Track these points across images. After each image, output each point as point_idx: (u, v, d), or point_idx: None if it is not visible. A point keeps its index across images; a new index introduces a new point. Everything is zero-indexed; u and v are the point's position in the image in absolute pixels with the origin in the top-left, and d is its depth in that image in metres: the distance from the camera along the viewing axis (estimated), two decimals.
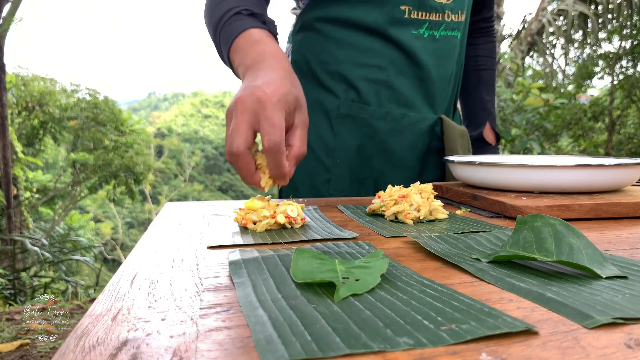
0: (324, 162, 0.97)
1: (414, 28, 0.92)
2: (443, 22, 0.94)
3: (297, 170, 0.98)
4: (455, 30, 0.97)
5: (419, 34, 0.93)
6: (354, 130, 0.97)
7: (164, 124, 27.91)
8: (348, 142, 0.97)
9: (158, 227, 0.59)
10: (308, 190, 0.98)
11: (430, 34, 0.94)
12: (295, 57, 1.00)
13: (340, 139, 0.97)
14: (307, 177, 0.98)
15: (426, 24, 0.93)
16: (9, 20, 5.94)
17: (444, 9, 0.94)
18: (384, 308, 0.30)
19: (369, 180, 0.99)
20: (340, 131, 0.96)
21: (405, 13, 0.91)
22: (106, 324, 0.28)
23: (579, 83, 8.61)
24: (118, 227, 18.34)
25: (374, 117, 0.96)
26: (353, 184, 0.98)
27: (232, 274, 0.38)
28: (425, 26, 0.93)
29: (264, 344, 0.25)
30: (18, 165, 7.23)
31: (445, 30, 0.95)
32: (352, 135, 0.97)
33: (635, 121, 8.25)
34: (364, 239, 0.51)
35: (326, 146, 0.97)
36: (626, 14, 6.75)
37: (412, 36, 0.92)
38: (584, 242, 0.39)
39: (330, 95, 0.96)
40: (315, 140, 0.97)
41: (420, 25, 0.93)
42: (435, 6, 0.92)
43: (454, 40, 0.98)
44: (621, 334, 0.26)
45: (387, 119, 0.97)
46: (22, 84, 8.88)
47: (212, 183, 24.83)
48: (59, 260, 4.88)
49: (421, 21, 0.92)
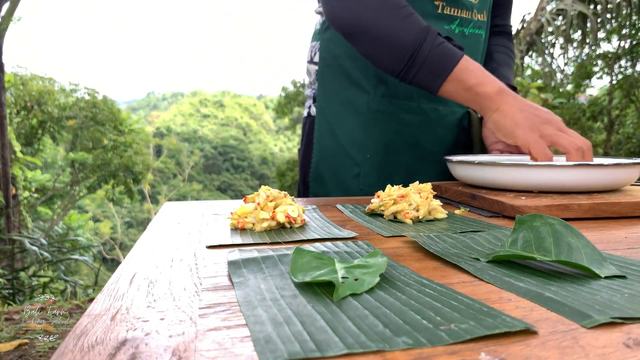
0: (354, 157, 0.98)
1: (446, 23, 0.95)
2: (472, 20, 0.98)
3: (325, 166, 1.00)
4: (480, 29, 1.00)
5: (451, 30, 0.96)
6: (383, 125, 0.98)
7: (162, 123, 27.90)
8: (378, 137, 0.98)
9: (157, 226, 0.59)
10: (336, 185, 1.00)
11: (460, 31, 0.97)
12: (324, 54, 1.01)
13: (370, 134, 0.98)
14: (335, 173, 1.00)
15: (457, 21, 0.96)
16: (8, 20, 5.93)
17: (472, 7, 0.97)
18: (382, 308, 0.30)
19: (398, 175, 1.00)
20: (370, 126, 0.98)
21: (438, 8, 0.93)
22: (105, 324, 0.28)
23: (578, 83, 8.61)
24: (117, 226, 18.33)
25: (404, 111, 0.98)
26: (382, 179, 0.99)
27: (231, 273, 0.38)
28: (457, 22, 0.96)
29: (263, 343, 0.25)
30: (17, 164, 7.22)
31: (473, 28, 0.98)
32: (381, 130, 0.98)
33: (634, 121, 8.26)
34: (363, 239, 0.51)
35: (356, 142, 0.98)
36: (625, 13, 6.75)
37: (445, 31, 0.94)
38: (583, 241, 0.39)
39: (360, 91, 0.98)
40: (345, 136, 0.99)
41: (452, 21, 0.95)
42: (466, 4, 0.95)
43: (479, 38, 1.01)
44: (620, 334, 0.26)
45: (418, 112, 0.99)
46: (20, 84, 8.87)
47: (211, 183, 24.82)
48: (57, 260, 4.87)
49: (453, 17, 0.95)
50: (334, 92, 1.00)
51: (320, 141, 1.01)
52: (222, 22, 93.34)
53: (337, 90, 0.99)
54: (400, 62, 0.82)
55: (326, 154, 1.01)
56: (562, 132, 0.77)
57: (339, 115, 1.00)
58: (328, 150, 1.00)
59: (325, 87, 1.01)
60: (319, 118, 1.02)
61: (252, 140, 28.43)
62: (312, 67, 1.06)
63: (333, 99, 1.00)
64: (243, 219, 0.57)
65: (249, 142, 28.00)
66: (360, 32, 0.83)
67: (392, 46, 0.81)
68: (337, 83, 0.99)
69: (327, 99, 1.01)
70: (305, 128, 1.09)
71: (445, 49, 0.81)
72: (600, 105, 8.10)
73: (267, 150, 28.05)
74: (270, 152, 27.82)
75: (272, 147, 28.87)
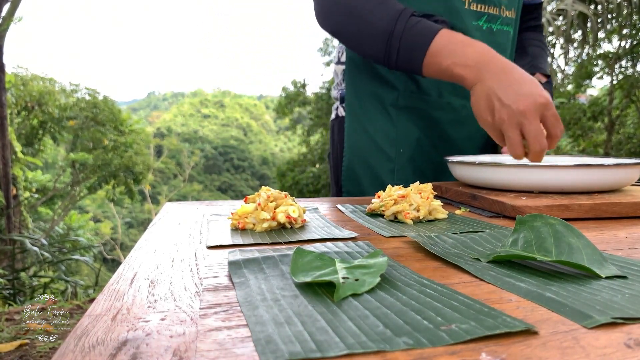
0: (387, 152, 0.98)
1: (473, 19, 0.94)
2: (499, 17, 0.97)
3: (358, 163, 1.00)
4: (509, 26, 0.99)
5: (479, 26, 0.95)
6: (413, 121, 0.98)
7: (163, 123, 27.90)
8: (408, 132, 0.98)
9: (157, 227, 0.59)
10: (371, 181, 1.00)
11: (488, 27, 0.96)
12: (350, 53, 1.01)
13: (401, 130, 0.98)
14: (369, 170, 0.99)
15: (485, 17, 0.95)
16: (9, 20, 5.94)
17: (500, 4, 0.96)
18: (383, 308, 0.30)
19: (429, 170, 1.00)
20: (400, 122, 0.98)
21: (465, 4, 0.93)
22: (106, 324, 0.28)
23: (579, 83, 8.61)
24: (117, 227, 18.33)
25: (434, 107, 0.98)
26: (415, 174, 0.99)
27: (232, 273, 0.38)
28: (484, 18, 0.95)
29: (263, 343, 0.25)
30: (17, 165, 7.23)
31: (501, 25, 0.97)
32: (412, 126, 0.98)
33: (635, 121, 8.25)
34: (364, 239, 0.51)
35: (388, 137, 0.98)
36: (625, 13, 6.75)
37: (473, 27, 0.94)
38: (584, 241, 0.39)
39: (389, 88, 0.98)
40: (376, 132, 0.99)
41: (480, 17, 0.95)
42: (494, 0, 0.95)
43: (508, 35, 1.00)
44: (621, 334, 0.26)
45: (447, 109, 0.99)
46: (21, 84, 8.88)
47: (212, 183, 24.83)
48: (58, 260, 4.87)
49: (480, 13, 0.94)
50: (363, 90, 1.00)
51: (351, 139, 1.01)
52: (222, 22, 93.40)
53: (366, 88, 0.99)
54: (380, 49, 0.81)
55: (358, 152, 1.00)
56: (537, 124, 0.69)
57: (369, 112, 1.00)
58: (360, 147, 1.00)
59: (353, 85, 1.01)
60: (348, 117, 1.01)
61: (253, 141, 28.44)
62: (339, 68, 1.07)
63: (362, 97, 1.00)
64: (244, 219, 0.57)
65: (249, 143, 28.01)
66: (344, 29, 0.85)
67: (371, 34, 0.81)
68: (365, 81, 0.99)
69: (356, 97, 1.01)
70: (334, 130, 1.09)
71: (420, 28, 0.78)
72: (600, 106, 8.10)
73: (267, 150, 28.06)
74: (271, 153, 27.82)
75: (273, 148, 28.88)
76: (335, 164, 1.07)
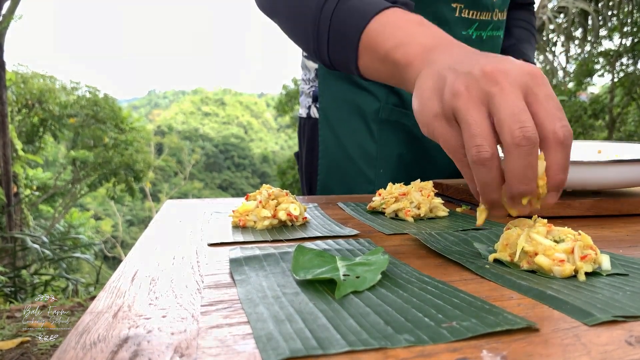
0: (366, 173, 0.91)
1: (463, 29, 0.88)
2: (491, 22, 0.90)
3: (335, 182, 0.93)
4: (499, 30, 0.93)
5: (468, 35, 0.88)
6: (395, 138, 0.91)
7: (164, 121, 27.90)
8: (390, 150, 0.91)
9: (158, 224, 0.59)
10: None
11: (477, 35, 0.90)
12: None
13: (382, 147, 0.90)
14: (347, 191, 0.91)
15: (476, 24, 0.89)
16: (9, 18, 5.93)
17: (494, 7, 0.89)
18: (384, 305, 0.30)
19: None
20: (382, 138, 0.90)
21: (455, 12, 0.86)
22: (107, 321, 0.29)
23: (579, 80, 8.60)
24: (118, 224, 18.34)
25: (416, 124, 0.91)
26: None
27: (233, 271, 0.38)
28: (475, 26, 0.89)
29: (265, 340, 0.25)
30: (18, 162, 7.23)
31: (491, 30, 0.91)
32: (393, 142, 0.91)
33: (636, 119, 8.24)
34: (365, 237, 0.51)
35: (368, 155, 0.90)
36: (627, 11, 6.73)
37: (462, 37, 0.87)
38: None
39: (370, 97, 0.90)
40: (354, 148, 0.90)
41: (470, 26, 0.88)
42: (487, 4, 0.88)
43: (497, 40, 0.94)
44: (622, 331, 0.26)
45: None
46: (21, 82, 8.87)
47: (212, 181, 24.83)
48: (59, 258, 4.88)
49: (471, 21, 0.88)
50: (339, 96, 0.92)
51: (326, 152, 0.93)
52: (222, 20, 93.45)
53: (343, 94, 0.91)
54: (309, 37, 0.60)
55: (335, 168, 0.92)
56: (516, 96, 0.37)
57: (345, 123, 0.91)
58: (337, 163, 0.92)
59: (328, 88, 0.92)
60: (322, 124, 0.93)
61: (253, 139, 28.44)
62: (310, 63, 0.97)
63: (338, 104, 0.92)
64: (245, 216, 0.57)
65: (250, 141, 28.00)
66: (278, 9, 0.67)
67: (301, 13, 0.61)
68: (342, 85, 0.90)
69: (330, 102, 0.92)
70: (304, 130, 1.00)
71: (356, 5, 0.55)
72: (601, 103, 8.08)
73: (268, 148, 28.06)
74: (272, 151, 27.82)
75: (273, 146, 28.87)
76: (308, 171, 0.98)
